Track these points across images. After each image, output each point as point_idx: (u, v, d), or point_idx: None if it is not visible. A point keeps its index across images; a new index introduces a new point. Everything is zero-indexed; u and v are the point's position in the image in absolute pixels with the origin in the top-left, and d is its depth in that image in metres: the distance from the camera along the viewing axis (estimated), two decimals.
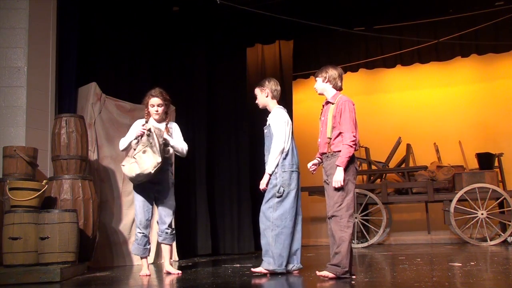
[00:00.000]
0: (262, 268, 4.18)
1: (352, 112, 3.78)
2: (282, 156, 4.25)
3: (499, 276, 3.58)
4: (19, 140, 5.24)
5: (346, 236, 3.59)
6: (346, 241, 3.59)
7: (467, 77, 9.30)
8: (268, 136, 4.38)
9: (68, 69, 5.94)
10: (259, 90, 4.53)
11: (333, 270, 3.63)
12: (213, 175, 7.95)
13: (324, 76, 3.94)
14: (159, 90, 4.68)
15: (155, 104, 4.64)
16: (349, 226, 3.61)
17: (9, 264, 4.27)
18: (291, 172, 4.24)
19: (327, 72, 3.94)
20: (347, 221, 3.62)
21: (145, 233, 4.59)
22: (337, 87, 3.95)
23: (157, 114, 4.65)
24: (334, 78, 3.93)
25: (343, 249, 3.58)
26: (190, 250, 7.18)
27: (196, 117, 7.69)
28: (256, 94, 4.57)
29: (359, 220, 7.95)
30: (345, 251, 3.58)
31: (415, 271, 4.00)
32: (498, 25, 7.84)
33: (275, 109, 4.46)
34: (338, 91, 3.96)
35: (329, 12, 7.84)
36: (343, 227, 3.61)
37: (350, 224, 3.63)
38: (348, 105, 3.79)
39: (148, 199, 4.57)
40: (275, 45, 8.83)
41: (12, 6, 5.49)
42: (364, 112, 9.72)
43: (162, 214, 4.62)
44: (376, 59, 8.82)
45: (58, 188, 4.93)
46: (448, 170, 7.79)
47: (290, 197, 4.21)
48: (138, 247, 4.58)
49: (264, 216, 4.23)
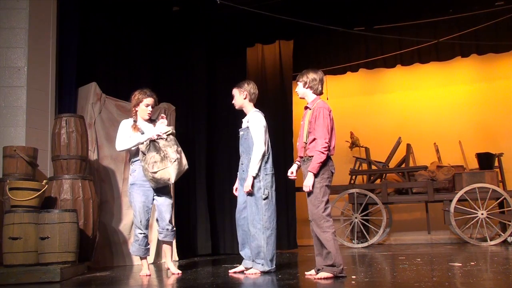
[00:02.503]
0: (257, 270, 4.26)
1: (326, 119, 3.82)
2: (264, 159, 4.38)
3: (499, 276, 3.58)
4: (19, 140, 5.25)
5: (329, 236, 3.71)
6: (331, 240, 3.71)
7: (467, 77, 9.30)
8: (246, 139, 4.47)
9: (68, 69, 5.94)
10: (238, 91, 4.61)
11: (330, 270, 3.70)
12: (213, 175, 7.95)
13: (305, 80, 3.99)
14: (150, 90, 4.69)
15: (150, 104, 4.64)
16: (329, 226, 3.74)
17: (9, 264, 4.27)
18: (272, 175, 4.42)
19: (307, 77, 3.98)
20: (326, 221, 3.75)
21: (146, 233, 4.60)
22: (317, 92, 4.00)
23: (150, 114, 4.65)
24: (315, 83, 3.97)
25: (331, 248, 3.69)
26: (190, 250, 7.18)
27: (196, 117, 7.70)
28: (234, 94, 4.64)
29: (359, 220, 7.94)
30: (334, 249, 3.69)
31: (415, 271, 4.00)
32: (498, 25, 7.83)
33: (254, 113, 4.52)
34: (318, 96, 4.00)
35: (329, 12, 7.84)
36: (325, 228, 3.74)
37: (329, 223, 3.75)
38: (323, 112, 3.83)
39: (147, 199, 4.57)
40: (275, 45, 8.83)
41: (12, 6, 5.49)
42: (364, 112, 9.76)
43: (161, 211, 4.62)
44: (376, 59, 8.81)
45: (58, 188, 4.93)
46: (448, 170, 7.79)
47: (273, 199, 4.40)
48: (139, 248, 4.58)
49: (254, 219, 4.29)
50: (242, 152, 4.52)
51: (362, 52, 8.92)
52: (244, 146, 4.48)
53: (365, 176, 8.62)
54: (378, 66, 9.01)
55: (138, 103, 4.64)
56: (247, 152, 4.43)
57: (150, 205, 4.62)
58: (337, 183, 8.55)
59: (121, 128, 4.65)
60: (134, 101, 4.66)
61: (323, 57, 9.23)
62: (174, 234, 4.73)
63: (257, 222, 4.27)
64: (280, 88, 8.59)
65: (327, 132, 3.79)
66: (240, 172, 4.57)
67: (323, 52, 9.21)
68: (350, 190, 8.05)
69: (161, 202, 4.62)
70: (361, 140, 9.20)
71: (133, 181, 4.57)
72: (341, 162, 9.41)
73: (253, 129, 4.40)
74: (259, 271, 4.25)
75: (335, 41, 8.94)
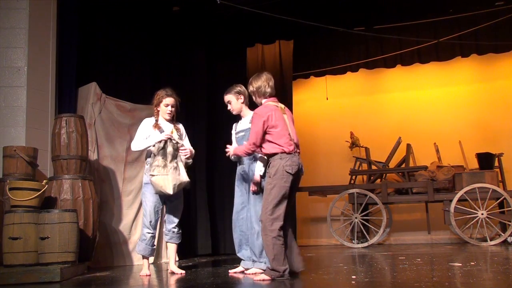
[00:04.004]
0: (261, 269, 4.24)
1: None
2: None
3: (499, 276, 3.58)
4: (19, 140, 5.24)
5: (269, 240, 3.70)
6: (271, 244, 3.68)
7: (467, 77, 9.30)
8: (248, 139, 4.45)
9: (68, 69, 5.94)
10: (234, 97, 4.54)
11: (268, 274, 3.73)
12: (213, 175, 7.95)
13: (252, 90, 4.06)
14: (172, 90, 4.68)
15: (170, 104, 4.64)
16: (273, 230, 3.70)
17: (9, 264, 4.27)
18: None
19: (253, 86, 4.04)
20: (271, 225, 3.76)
21: (154, 233, 4.62)
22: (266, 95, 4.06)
23: (170, 114, 4.65)
24: (260, 90, 4.03)
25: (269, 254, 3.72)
26: (190, 250, 7.19)
27: (196, 117, 7.70)
28: (230, 100, 4.55)
29: (359, 220, 7.94)
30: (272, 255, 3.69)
31: (415, 271, 4.00)
32: (498, 25, 7.83)
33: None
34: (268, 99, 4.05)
35: (329, 12, 7.84)
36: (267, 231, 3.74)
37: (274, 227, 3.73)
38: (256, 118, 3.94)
39: (158, 200, 4.58)
40: (275, 45, 8.83)
41: (12, 6, 5.49)
42: (364, 112, 9.76)
43: (171, 214, 4.64)
44: (376, 59, 8.82)
45: (58, 188, 4.93)
46: (448, 170, 7.78)
47: None
48: (146, 247, 4.59)
49: (258, 218, 4.28)
50: None
51: (362, 52, 8.93)
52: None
53: (365, 176, 8.62)
54: (378, 66, 9.01)
55: (158, 103, 4.65)
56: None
57: (161, 206, 4.63)
58: (337, 183, 8.58)
59: (140, 128, 4.65)
60: (155, 101, 4.67)
61: (323, 57, 9.24)
62: (180, 237, 4.74)
63: (261, 221, 4.27)
64: (280, 88, 8.58)
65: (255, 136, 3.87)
66: (239, 171, 4.57)
67: (323, 52, 9.22)
68: (350, 190, 8.05)
69: (172, 205, 4.64)
70: (361, 140, 9.20)
71: (146, 181, 4.59)
72: (341, 162, 9.43)
73: None
74: (262, 270, 4.22)
75: (335, 41, 8.94)
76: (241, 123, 4.63)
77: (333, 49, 9.12)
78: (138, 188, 6.17)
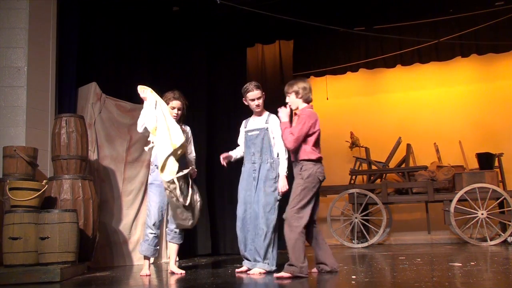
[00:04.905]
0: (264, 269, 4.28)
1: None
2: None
3: (499, 276, 3.58)
4: (19, 140, 5.24)
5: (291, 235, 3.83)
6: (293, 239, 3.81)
7: (467, 77, 9.30)
8: (263, 139, 4.49)
9: (68, 69, 5.94)
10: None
11: (288, 270, 3.78)
12: (213, 175, 7.95)
13: (296, 90, 4.08)
14: (179, 93, 4.67)
15: (175, 107, 4.63)
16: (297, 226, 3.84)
17: (9, 264, 4.27)
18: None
19: (298, 87, 4.07)
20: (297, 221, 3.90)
21: (157, 234, 4.62)
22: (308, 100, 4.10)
23: (176, 117, 4.64)
24: (305, 92, 4.08)
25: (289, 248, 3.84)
26: (190, 250, 7.18)
27: (196, 117, 7.68)
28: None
29: (359, 220, 7.94)
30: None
31: (415, 271, 4.00)
32: (498, 25, 7.83)
33: (275, 116, 4.46)
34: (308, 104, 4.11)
35: (329, 12, 7.84)
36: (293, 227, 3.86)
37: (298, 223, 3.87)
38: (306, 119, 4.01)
39: (163, 200, 4.58)
40: (275, 45, 8.83)
41: (12, 6, 5.49)
42: (364, 112, 9.76)
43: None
44: (376, 59, 8.82)
45: (58, 188, 4.93)
46: (448, 170, 7.78)
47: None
48: (149, 248, 4.59)
49: (268, 218, 4.35)
50: (255, 151, 4.51)
51: (362, 52, 8.93)
52: (260, 146, 4.49)
53: (365, 176, 8.62)
54: (378, 66, 9.01)
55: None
56: (263, 152, 4.47)
57: (165, 206, 4.63)
58: (337, 183, 8.57)
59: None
60: None
61: (323, 57, 9.24)
62: (182, 237, 4.75)
63: (270, 221, 4.34)
64: (280, 88, 8.56)
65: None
66: (250, 172, 4.54)
67: (323, 52, 9.22)
68: (350, 190, 8.05)
69: None
70: (361, 140, 9.20)
71: (151, 181, 4.60)
72: (341, 162, 9.43)
73: (278, 130, 4.38)
74: (265, 271, 4.26)
75: (335, 41, 8.94)
76: (254, 121, 4.62)
77: (333, 49, 9.13)
78: (138, 188, 6.17)
